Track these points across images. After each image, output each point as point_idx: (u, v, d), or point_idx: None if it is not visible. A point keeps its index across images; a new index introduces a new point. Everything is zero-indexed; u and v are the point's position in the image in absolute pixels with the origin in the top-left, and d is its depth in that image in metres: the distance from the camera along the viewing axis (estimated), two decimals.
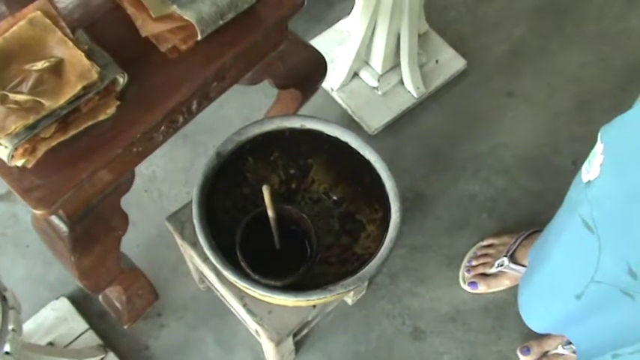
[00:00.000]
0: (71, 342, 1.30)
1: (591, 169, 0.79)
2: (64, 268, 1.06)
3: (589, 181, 0.79)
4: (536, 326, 1.12)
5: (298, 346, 1.33)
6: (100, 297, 1.33)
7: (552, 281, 0.98)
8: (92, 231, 0.93)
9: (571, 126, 1.58)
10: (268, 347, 1.14)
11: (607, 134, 0.78)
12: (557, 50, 1.68)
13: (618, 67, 1.65)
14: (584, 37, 1.69)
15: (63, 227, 0.89)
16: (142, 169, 1.49)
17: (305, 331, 1.26)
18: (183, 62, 0.87)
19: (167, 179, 1.52)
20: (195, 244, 1.07)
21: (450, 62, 1.62)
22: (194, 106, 0.91)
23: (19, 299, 0.98)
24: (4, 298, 0.91)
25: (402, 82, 1.57)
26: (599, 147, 0.78)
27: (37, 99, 0.76)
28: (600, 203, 0.76)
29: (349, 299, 1.36)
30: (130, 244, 1.36)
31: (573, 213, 0.83)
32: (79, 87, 0.77)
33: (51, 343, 1.29)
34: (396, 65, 1.55)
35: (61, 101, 0.76)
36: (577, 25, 1.71)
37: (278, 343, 1.05)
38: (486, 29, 1.70)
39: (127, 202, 0.97)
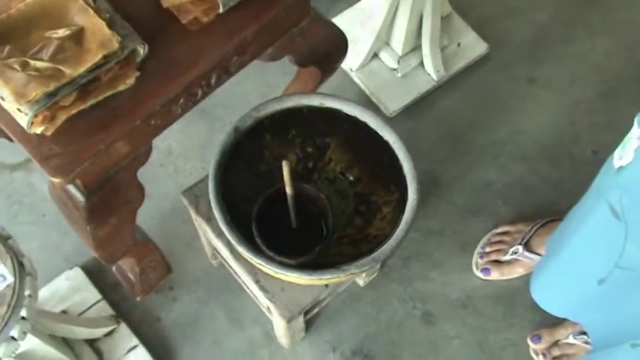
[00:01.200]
0: (84, 311, 1.31)
1: (625, 154, 0.77)
2: (79, 239, 1.07)
3: (621, 167, 0.77)
4: (553, 309, 1.12)
5: (308, 324, 1.33)
6: (114, 268, 1.34)
7: (573, 266, 0.97)
8: (108, 202, 0.93)
9: (593, 115, 1.56)
10: (279, 324, 1.15)
11: None
12: (582, 38, 1.65)
13: None
14: (610, 25, 1.66)
15: (80, 197, 0.89)
16: (159, 144, 1.49)
17: (316, 310, 1.26)
18: (204, 35, 0.86)
19: (183, 154, 1.52)
20: (209, 219, 1.07)
21: (472, 46, 1.60)
22: (213, 80, 0.91)
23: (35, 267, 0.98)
24: (21, 265, 0.91)
25: (422, 64, 1.55)
26: (635, 131, 0.76)
27: (58, 66, 0.75)
28: (631, 189, 0.75)
29: (361, 281, 1.36)
30: (145, 217, 1.37)
31: (600, 199, 0.82)
32: (99, 56, 0.77)
33: (64, 312, 1.30)
34: (416, 47, 1.53)
35: (82, 69, 0.76)
36: (604, 14, 1.68)
37: (289, 321, 1.05)
38: (510, 14, 1.67)
39: (142, 175, 0.97)
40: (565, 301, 1.06)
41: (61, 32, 0.77)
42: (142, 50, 0.81)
